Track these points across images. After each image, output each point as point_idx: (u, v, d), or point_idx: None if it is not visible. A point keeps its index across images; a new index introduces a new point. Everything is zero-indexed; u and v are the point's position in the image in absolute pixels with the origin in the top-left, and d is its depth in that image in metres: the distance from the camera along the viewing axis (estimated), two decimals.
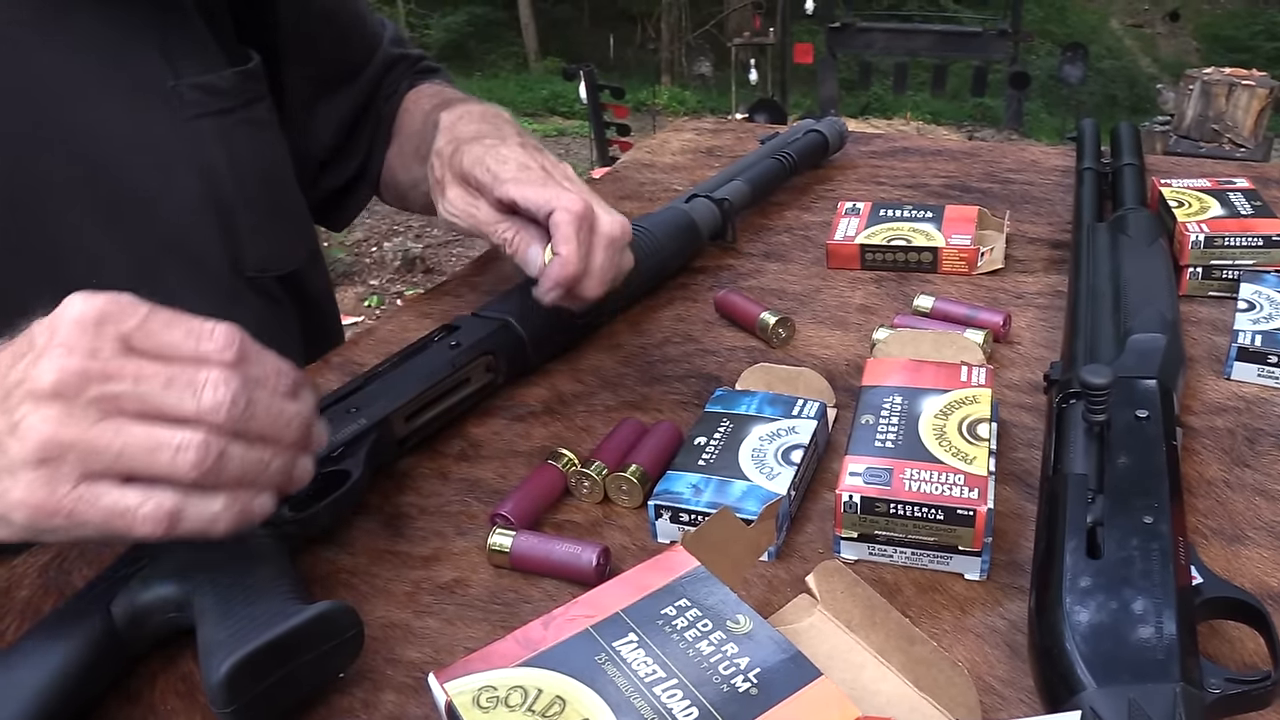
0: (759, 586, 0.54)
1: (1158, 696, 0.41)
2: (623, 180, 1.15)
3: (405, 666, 0.51)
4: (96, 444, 0.44)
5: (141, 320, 0.46)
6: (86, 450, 0.44)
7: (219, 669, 0.45)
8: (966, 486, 0.53)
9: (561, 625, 0.43)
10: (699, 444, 0.61)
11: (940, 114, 9.44)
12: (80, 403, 0.44)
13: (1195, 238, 0.79)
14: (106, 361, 0.45)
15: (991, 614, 0.52)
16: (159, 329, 0.46)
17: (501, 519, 0.59)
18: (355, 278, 5.50)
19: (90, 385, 0.44)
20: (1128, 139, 0.96)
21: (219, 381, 0.46)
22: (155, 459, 0.44)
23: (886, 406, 0.60)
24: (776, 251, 0.94)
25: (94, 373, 0.44)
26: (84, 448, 0.44)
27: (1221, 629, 0.50)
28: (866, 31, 7.64)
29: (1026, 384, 0.71)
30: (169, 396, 0.45)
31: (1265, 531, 0.56)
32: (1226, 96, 5.00)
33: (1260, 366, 0.69)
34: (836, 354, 0.76)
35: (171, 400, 0.45)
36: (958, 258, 0.86)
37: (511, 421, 0.71)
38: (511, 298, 0.76)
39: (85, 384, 0.44)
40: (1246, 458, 0.62)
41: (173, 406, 0.45)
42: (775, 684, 0.39)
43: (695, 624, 0.42)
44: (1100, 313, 0.69)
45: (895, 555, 0.55)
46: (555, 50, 12.05)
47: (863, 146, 1.19)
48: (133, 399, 0.45)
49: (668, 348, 0.79)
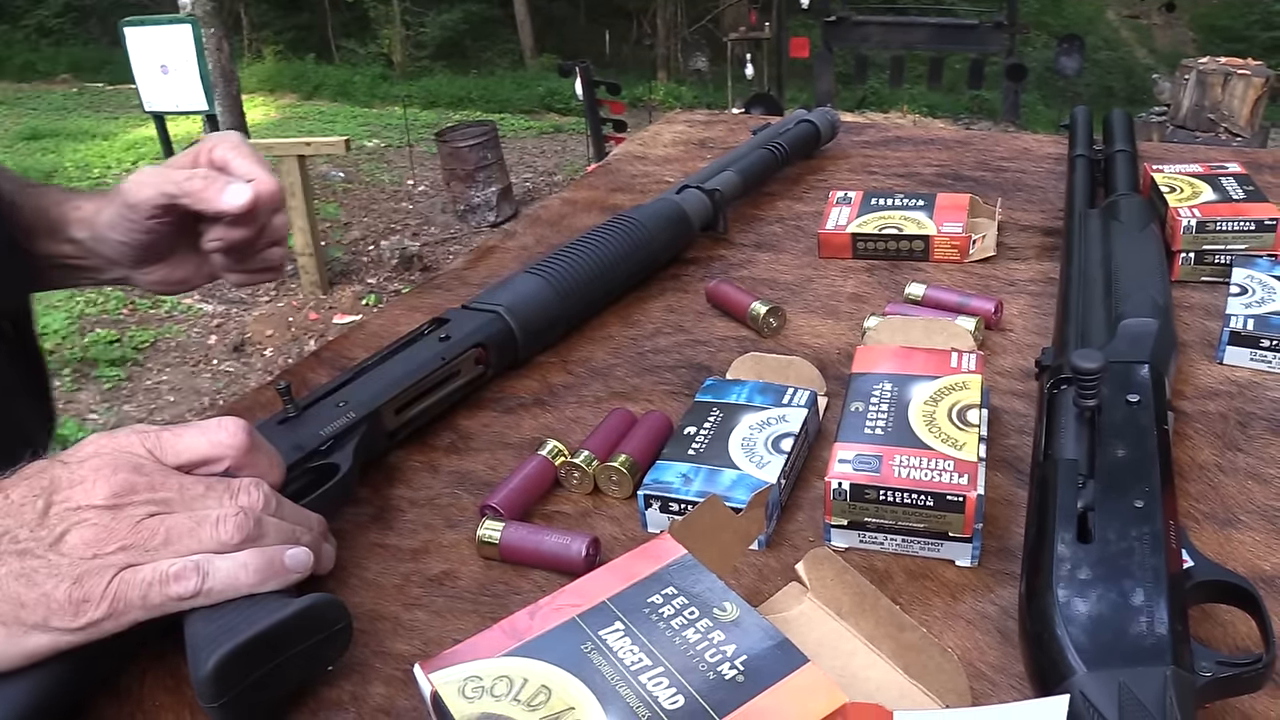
0: (749, 575, 0.54)
1: (1148, 680, 0.41)
2: (615, 173, 1.15)
3: (394, 659, 0.51)
4: (141, 534, 0.47)
5: (157, 438, 0.50)
6: (131, 541, 0.47)
7: (207, 663, 0.45)
8: (956, 472, 0.53)
9: (548, 614, 0.43)
10: (689, 433, 0.61)
11: (937, 107, 9.43)
12: (128, 510, 0.47)
13: (1187, 223, 0.79)
14: (151, 475, 0.49)
15: (982, 600, 0.52)
16: (172, 439, 0.51)
17: (491, 511, 0.59)
18: (352, 276, 5.49)
19: (136, 494, 0.48)
20: (1120, 126, 0.95)
21: (250, 485, 0.51)
22: (200, 534, 0.48)
23: (876, 393, 0.60)
24: (768, 241, 0.94)
25: (139, 484, 0.48)
26: (129, 540, 0.47)
27: (1213, 612, 0.49)
28: (862, 25, 7.63)
29: (1018, 370, 0.70)
30: (209, 501, 0.50)
31: (1257, 515, 0.56)
32: (1223, 86, 4.99)
33: (1252, 351, 0.68)
34: (828, 343, 0.76)
35: (210, 503, 0.49)
36: (949, 246, 0.86)
37: (501, 413, 0.71)
38: (502, 290, 0.76)
39: (131, 493, 0.48)
40: (1239, 442, 0.62)
41: (210, 508, 0.49)
42: (762, 671, 0.39)
43: (682, 612, 0.42)
44: (1092, 298, 0.68)
45: (886, 542, 0.55)
46: (551, 47, 12.04)
47: (855, 136, 1.19)
48: (178, 503, 0.49)
49: (658, 338, 0.79)
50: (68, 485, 0.47)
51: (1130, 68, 11.32)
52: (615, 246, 0.83)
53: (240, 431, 0.52)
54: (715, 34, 10.61)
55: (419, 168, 7.48)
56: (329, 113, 10.01)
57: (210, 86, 4.81)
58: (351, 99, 10.76)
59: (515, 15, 12.13)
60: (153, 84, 4.77)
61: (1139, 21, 12.52)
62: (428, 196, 6.89)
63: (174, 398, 4.24)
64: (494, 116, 8.68)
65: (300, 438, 0.60)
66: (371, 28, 12.64)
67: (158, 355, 4.66)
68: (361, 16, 12.62)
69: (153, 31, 4.73)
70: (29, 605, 0.45)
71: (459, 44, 12.22)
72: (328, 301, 5.09)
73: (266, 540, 0.50)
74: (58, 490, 0.47)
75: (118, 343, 4.65)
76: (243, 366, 4.53)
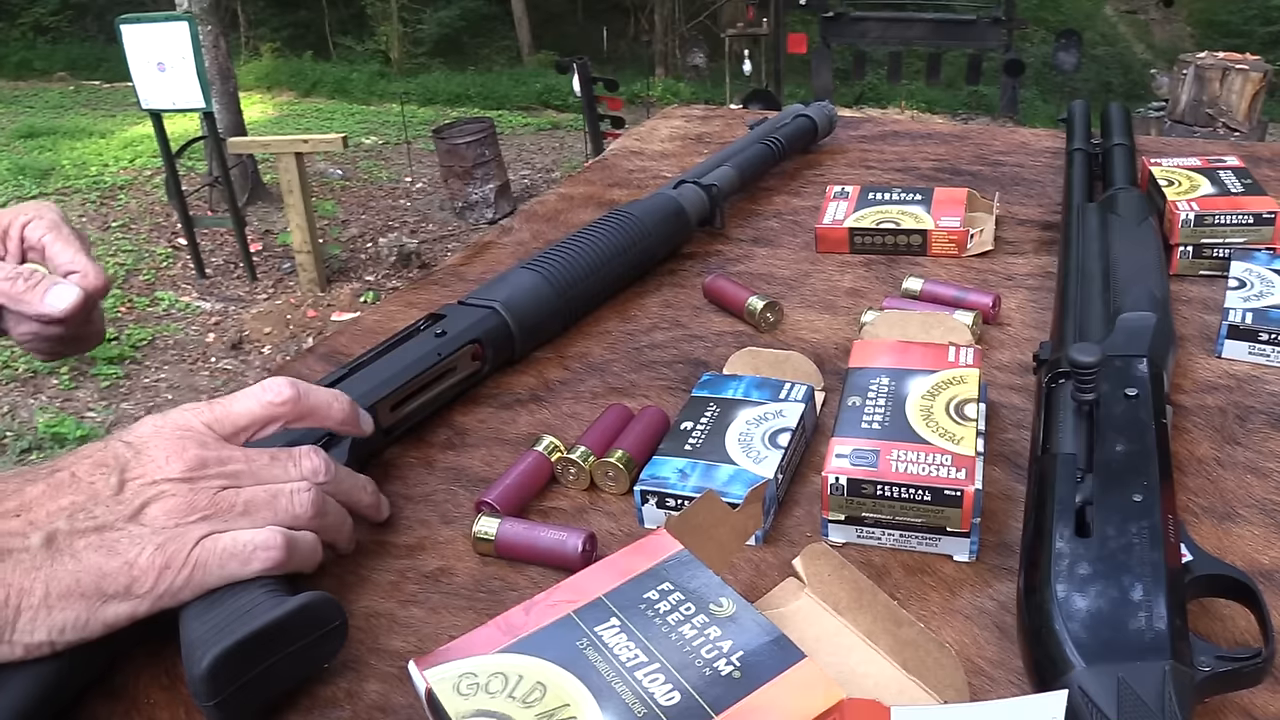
0: (746, 570, 0.54)
1: (1147, 675, 0.40)
2: (611, 168, 1.14)
3: (390, 656, 0.51)
4: (220, 505, 0.49)
5: (212, 413, 0.52)
6: (212, 512, 0.49)
7: (202, 662, 0.45)
8: (954, 467, 0.52)
9: (543, 611, 0.42)
10: (685, 428, 0.61)
11: (935, 103, 9.43)
12: (203, 482, 0.49)
13: (1185, 216, 0.78)
14: (218, 450, 0.51)
15: (980, 595, 0.51)
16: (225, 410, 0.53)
17: (487, 507, 0.59)
18: (350, 273, 5.49)
19: (209, 468, 0.50)
20: (1118, 119, 0.95)
21: (310, 451, 0.54)
22: (277, 505, 0.51)
23: (873, 388, 0.59)
24: (765, 236, 0.94)
25: (210, 458, 0.50)
26: (210, 510, 0.49)
27: (1212, 607, 0.49)
28: (860, 21, 7.62)
29: (1016, 365, 0.70)
30: (275, 470, 0.52)
31: (1256, 509, 0.56)
32: (1221, 81, 4.99)
33: (1251, 344, 0.68)
34: (825, 337, 0.76)
35: (276, 473, 0.52)
36: (947, 240, 0.86)
37: (498, 409, 0.71)
38: (498, 286, 0.76)
39: (205, 467, 0.50)
40: (1238, 435, 0.61)
41: (277, 478, 0.52)
42: (759, 667, 0.39)
43: (678, 608, 0.42)
44: (1090, 292, 0.68)
45: (883, 537, 0.54)
46: (548, 43, 12.03)
47: (852, 131, 1.19)
48: (246, 476, 0.51)
49: (655, 334, 0.78)
50: (138, 463, 0.49)
51: (1128, 63, 11.33)
52: (612, 242, 0.82)
53: (287, 387, 0.54)
54: (713, 30, 10.60)
55: (417, 165, 7.47)
56: (326, 110, 10.01)
57: (207, 84, 4.80)
58: (349, 96, 10.76)
59: (513, 12, 12.12)
60: (149, 82, 4.76)
61: (1137, 16, 12.52)
62: (425, 194, 6.88)
63: (172, 395, 4.24)
64: (492, 113, 8.68)
65: (296, 434, 0.60)
66: (369, 25, 12.63)
67: (155, 353, 4.65)
68: (359, 13, 12.61)
69: (149, 29, 4.71)
70: (110, 574, 0.46)
71: (456, 41, 12.21)
72: (326, 299, 5.09)
73: (330, 510, 0.53)
74: (129, 468, 0.48)
75: (115, 340, 4.64)
76: (241, 364, 4.53)
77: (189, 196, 5.64)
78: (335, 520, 0.54)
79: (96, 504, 0.47)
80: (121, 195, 6.67)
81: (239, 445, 0.53)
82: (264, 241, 5.93)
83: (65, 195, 6.60)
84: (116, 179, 6.95)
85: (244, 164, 6.21)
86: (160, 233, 6.10)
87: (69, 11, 12.62)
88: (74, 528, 0.47)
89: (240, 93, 6.67)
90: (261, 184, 6.53)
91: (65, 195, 6.60)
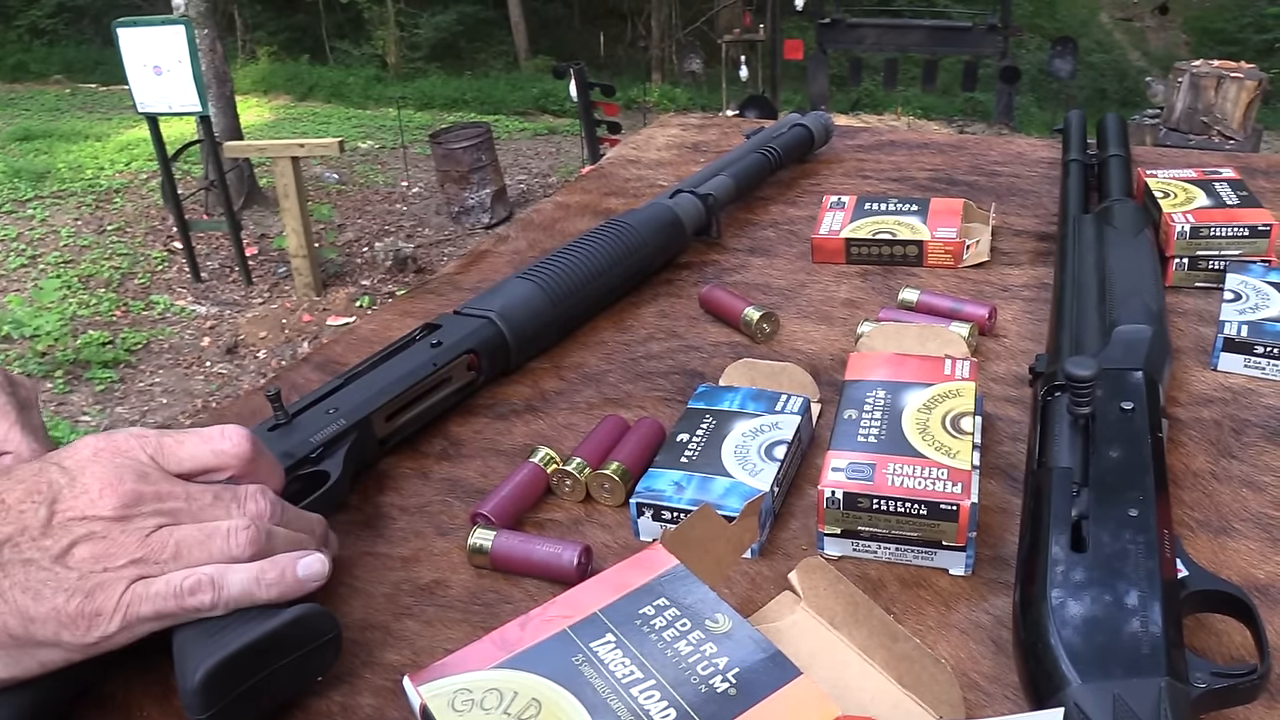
0: (742, 584, 0.54)
1: (1143, 691, 0.40)
2: (608, 176, 1.14)
3: (384, 669, 0.51)
4: (150, 547, 0.46)
5: (158, 445, 0.49)
6: (141, 555, 0.46)
7: (195, 675, 0.45)
8: (950, 481, 0.52)
9: (539, 626, 0.42)
10: (681, 440, 0.61)
11: (931, 109, 9.45)
12: (136, 521, 0.47)
13: (1181, 228, 0.78)
14: (158, 484, 0.48)
15: (976, 609, 0.51)
16: (174, 446, 0.49)
17: (482, 519, 0.59)
18: (346, 278, 5.48)
19: (144, 504, 0.47)
20: (1114, 130, 0.95)
21: (257, 493, 0.50)
22: (211, 546, 0.48)
23: (870, 401, 0.59)
24: (761, 246, 0.94)
25: (147, 495, 0.47)
26: (139, 554, 0.46)
27: (1208, 622, 0.49)
28: (857, 27, 7.65)
29: (1012, 377, 0.70)
30: (216, 510, 0.49)
31: (1252, 523, 0.56)
32: (1216, 89, 5.01)
33: (1246, 357, 0.68)
34: (821, 349, 0.76)
35: (219, 513, 0.49)
36: (943, 251, 0.86)
37: (494, 420, 0.70)
38: (494, 296, 0.76)
39: (139, 504, 0.47)
40: (1233, 449, 0.61)
41: (218, 518, 0.49)
42: (754, 684, 0.38)
43: (674, 624, 0.42)
44: (1086, 305, 0.68)
45: (879, 551, 0.54)
46: (545, 48, 12.04)
47: (848, 140, 1.19)
48: (186, 515, 0.48)
49: (651, 344, 0.78)
50: (71, 494, 0.46)
51: (1124, 70, 11.36)
52: (608, 251, 0.82)
53: (244, 440, 0.51)
54: (710, 36, 10.62)
55: (413, 169, 7.47)
56: (323, 114, 10.01)
57: (204, 88, 4.79)
58: (346, 100, 10.76)
59: (510, 17, 12.13)
60: (146, 85, 4.76)
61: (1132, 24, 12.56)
62: (422, 198, 6.88)
63: (167, 400, 4.23)
64: (488, 118, 8.68)
65: (291, 445, 0.60)
66: (366, 29, 12.63)
67: (150, 357, 4.64)
68: (356, 18, 12.61)
69: (146, 32, 4.71)
70: (38, 620, 0.44)
71: (453, 45, 12.22)
72: (321, 303, 5.08)
73: (276, 550, 0.50)
74: (60, 499, 0.46)
75: (110, 344, 4.64)
76: (236, 369, 4.52)
77: (185, 200, 5.63)
78: (284, 549, 0.50)
79: (24, 537, 0.45)
80: (117, 199, 6.66)
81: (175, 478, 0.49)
82: (260, 245, 5.93)
83: (61, 198, 6.59)
84: (112, 182, 6.94)
85: (240, 168, 6.21)
86: (156, 236, 6.09)
87: (65, 14, 12.61)
88: (0, 562, 0.44)
89: (236, 96, 6.66)
90: (257, 188, 6.53)
91: (61, 198, 6.59)
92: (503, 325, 0.73)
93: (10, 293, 5.32)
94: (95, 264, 5.67)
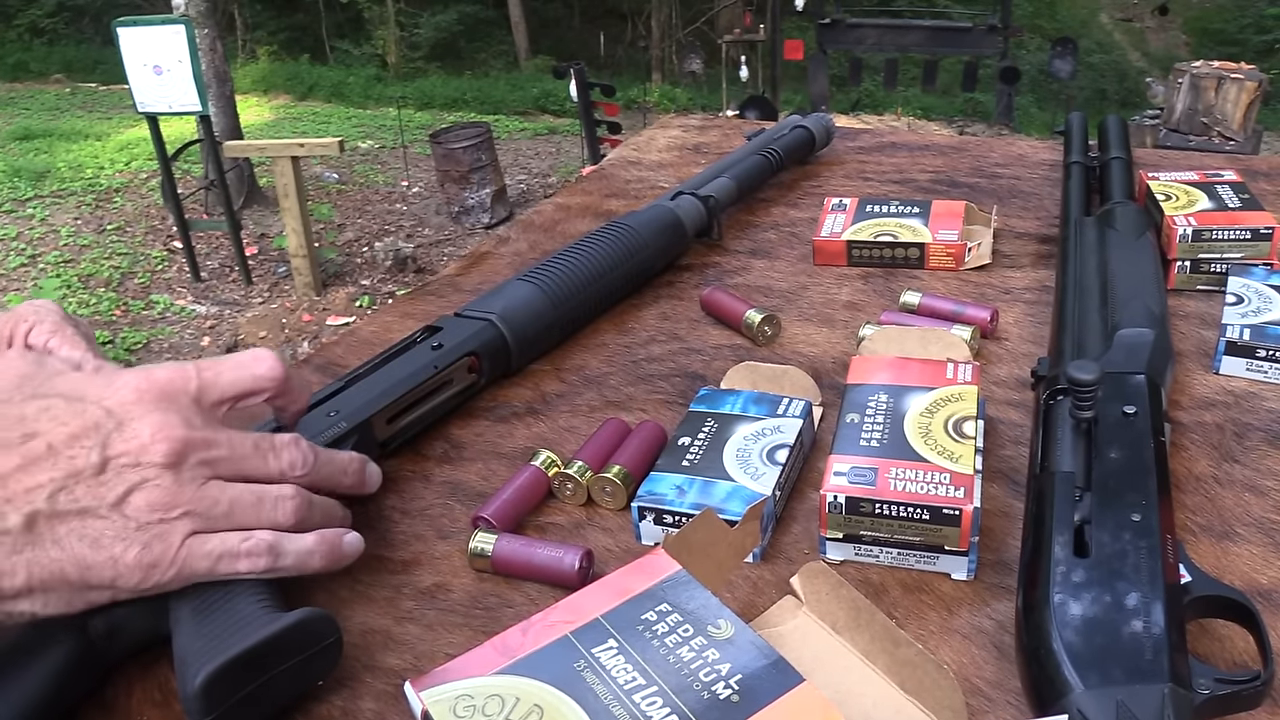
0: (743, 588, 0.54)
1: (1146, 698, 0.40)
2: (609, 178, 1.14)
3: (385, 674, 0.51)
4: (204, 502, 0.48)
5: (199, 382, 0.50)
6: (200, 510, 0.48)
7: (195, 679, 0.44)
8: (952, 485, 0.52)
9: (540, 631, 0.42)
10: (683, 444, 0.61)
11: (931, 109, 9.46)
12: (187, 470, 0.48)
13: (1183, 231, 0.78)
14: (203, 431, 0.49)
15: (979, 614, 0.51)
16: (213, 378, 0.51)
17: (483, 522, 0.58)
18: (346, 278, 5.48)
19: (194, 452, 0.48)
20: (1115, 132, 0.95)
21: (291, 442, 0.53)
22: (260, 511, 0.50)
23: (872, 405, 0.59)
24: (762, 248, 0.93)
25: (196, 441, 0.48)
26: (197, 508, 0.48)
27: (1211, 627, 0.49)
28: (857, 28, 7.65)
29: (1014, 380, 0.70)
30: (256, 460, 0.51)
31: (1254, 528, 0.55)
32: (1216, 90, 5.01)
33: (1249, 361, 0.68)
34: (823, 351, 0.76)
35: (254, 464, 0.51)
36: (945, 253, 0.86)
37: (495, 422, 0.70)
38: (495, 298, 0.75)
39: (190, 452, 0.48)
40: (1235, 453, 0.61)
41: (256, 469, 0.51)
42: (757, 690, 0.38)
43: (676, 629, 0.41)
44: (1088, 308, 0.68)
45: (881, 555, 0.54)
46: (546, 48, 12.05)
47: (850, 142, 1.19)
48: (228, 464, 0.49)
49: (652, 346, 0.78)
50: (121, 439, 0.46)
51: (1123, 71, 11.37)
52: (609, 253, 0.82)
53: (276, 363, 0.53)
54: (710, 36, 10.62)
55: (413, 169, 7.47)
56: (323, 114, 10.01)
57: (204, 87, 4.80)
58: (346, 100, 10.76)
59: (510, 17, 12.13)
60: (146, 85, 4.76)
61: (1132, 25, 12.56)
62: (422, 198, 6.89)
63: None
64: (488, 118, 8.68)
65: None
66: (366, 28, 12.64)
67: (150, 356, 4.64)
68: (356, 17, 12.61)
69: (146, 32, 4.71)
70: (94, 567, 0.45)
71: (453, 45, 12.22)
72: (321, 303, 5.08)
73: (314, 517, 0.53)
74: (110, 443, 0.46)
75: (110, 344, 4.64)
76: None
77: (185, 200, 5.63)
78: (320, 520, 0.53)
79: (77, 483, 0.45)
80: (117, 198, 6.66)
81: (218, 421, 0.51)
82: (259, 245, 5.93)
83: (60, 198, 6.59)
84: (112, 182, 6.94)
85: (240, 167, 6.21)
86: (156, 236, 6.09)
87: (66, 13, 12.62)
88: (55, 510, 0.45)
89: (236, 96, 6.66)
90: (257, 187, 6.53)
91: (60, 198, 6.59)
92: (504, 327, 0.73)
93: (10, 292, 5.32)
94: (95, 263, 5.67)
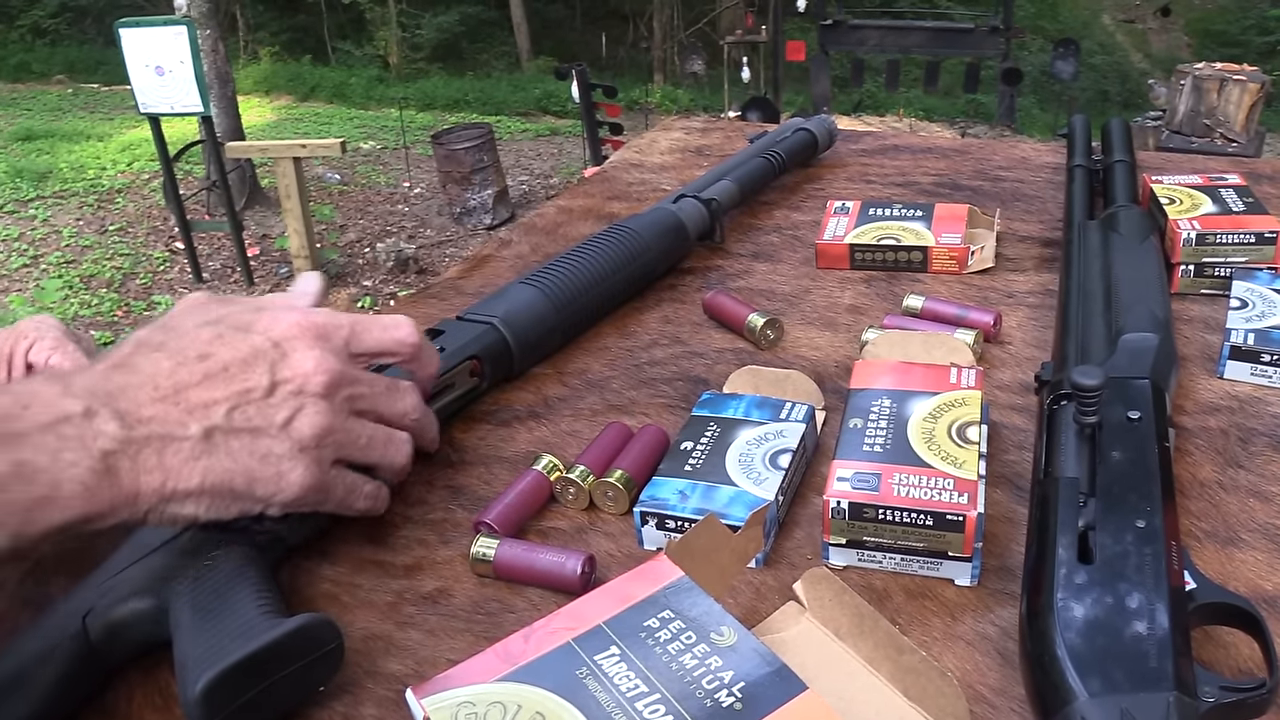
0: (746, 594, 0.54)
1: (1151, 706, 0.40)
2: (611, 180, 1.14)
3: (386, 679, 0.50)
4: (350, 434, 0.53)
5: (351, 330, 0.54)
6: (345, 440, 0.53)
7: (196, 684, 0.44)
8: (956, 491, 0.52)
9: (542, 638, 0.42)
10: (685, 448, 0.61)
11: (933, 110, 9.45)
12: (338, 401, 0.52)
13: (1187, 235, 0.78)
14: (350, 367, 0.53)
15: (982, 620, 0.51)
16: (362, 332, 0.55)
17: (485, 527, 0.58)
18: (348, 279, 5.48)
19: (344, 387, 0.53)
20: (1118, 135, 0.95)
21: (410, 389, 0.58)
22: (387, 450, 0.56)
23: (875, 410, 0.59)
24: (765, 251, 0.93)
25: (347, 377, 0.53)
26: (343, 438, 0.53)
27: (1216, 634, 0.49)
28: (859, 29, 7.65)
29: (1017, 384, 0.70)
30: (385, 399, 0.56)
31: (1259, 534, 0.55)
32: (1218, 91, 5.00)
33: (1253, 365, 0.68)
34: (826, 355, 0.75)
35: (385, 403, 0.56)
36: (948, 257, 0.85)
37: (496, 426, 0.70)
38: (497, 301, 0.75)
39: (341, 386, 0.52)
40: (1240, 458, 0.61)
41: (386, 408, 0.56)
42: (760, 698, 0.38)
43: (679, 636, 0.41)
44: (1091, 312, 0.68)
45: (884, 561, 0.54)
46: (547, 49, 12.05)
47: (852, 145, 1.18)
48: (366, 400, 0.55)
49: (655, 350, 0.78)
50: (286, 366, 0.50)
51: (1126, 72, 11.36)
52: (611, 256, 0.82)
53: (416, 331, 0.57)
54: (712, 37, 10.62)
55: (415, 170, 7.47)
56: (325, 114, 10.02)
57: (205, 88, 4.80)
58: (347, 101, 10.77)
59: (512, 18, 12.14)
60: (148, 85, 4.77)
61: (1134, 26, 12.56)
62: (424, 199, 6.89)
63: None
64: (490, 119, 8.69)
65: None
66: (368, 29, 12.64)
67: None
68: (358, 18, 12.62)
69: (148, 33, 4.72)
70: (261, 480, 0.49)
71: (455, 46, 12.22)
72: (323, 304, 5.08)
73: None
74: (277, 369, 0.50)
75: (111, 344, 4.64)
76: None
77: (186, 200, 5.63)
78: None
79: (249, 404, 0.49)
80: (119, 199, 6.67)
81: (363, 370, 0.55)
82: (261, 246, 5.93)
83: (62, 198, 6.60)
84: (114, 182, 6.95)
85: (242, 168, 6.21)
86: (158, 236, 6.09)
87: (68, 14, 12.63)
88: (231, 425, 0.48)
89: (238, 97, 6.67)
90: (259, 188, 6.53)
91: (62, 198, 6.60)
92: (506, 331, 0.73)
93: (12, 293, 5.32)
94: (97, 264, 5.68)
